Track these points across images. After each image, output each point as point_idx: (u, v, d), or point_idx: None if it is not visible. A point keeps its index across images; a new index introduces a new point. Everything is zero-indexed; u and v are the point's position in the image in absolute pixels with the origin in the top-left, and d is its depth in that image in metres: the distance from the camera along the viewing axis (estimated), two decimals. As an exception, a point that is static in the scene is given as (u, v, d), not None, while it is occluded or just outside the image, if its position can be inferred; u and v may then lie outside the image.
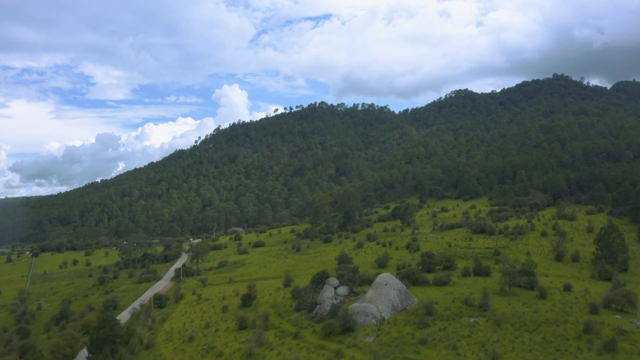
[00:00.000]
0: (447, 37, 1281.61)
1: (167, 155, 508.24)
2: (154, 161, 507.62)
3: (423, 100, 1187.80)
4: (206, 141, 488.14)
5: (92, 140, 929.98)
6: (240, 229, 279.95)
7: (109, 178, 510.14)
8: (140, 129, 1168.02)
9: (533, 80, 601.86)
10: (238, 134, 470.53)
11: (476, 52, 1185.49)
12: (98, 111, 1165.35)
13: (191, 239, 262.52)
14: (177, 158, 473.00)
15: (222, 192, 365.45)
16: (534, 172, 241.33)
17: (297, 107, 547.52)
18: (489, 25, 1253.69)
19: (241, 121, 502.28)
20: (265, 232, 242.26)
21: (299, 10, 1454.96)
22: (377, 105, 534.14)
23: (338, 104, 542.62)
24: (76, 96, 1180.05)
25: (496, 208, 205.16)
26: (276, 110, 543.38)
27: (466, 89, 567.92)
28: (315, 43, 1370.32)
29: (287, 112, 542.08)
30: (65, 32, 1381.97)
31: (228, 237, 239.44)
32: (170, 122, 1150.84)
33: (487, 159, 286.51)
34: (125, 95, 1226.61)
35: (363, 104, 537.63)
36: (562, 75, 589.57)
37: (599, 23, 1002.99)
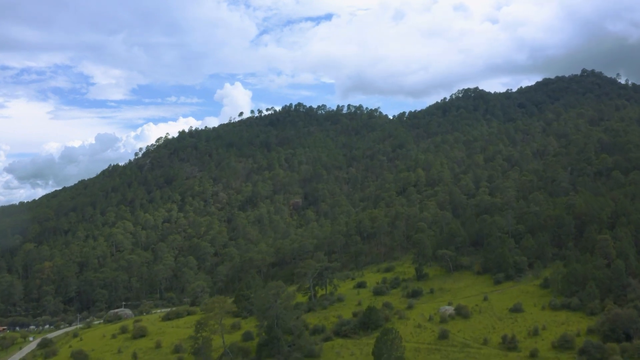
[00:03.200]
0: (463, 33, 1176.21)
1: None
2: (86, 179, 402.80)
3: (435, 100, 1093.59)
4: (147, 153, 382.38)
5: (92, 140, 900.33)
6: (126, 312, 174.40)
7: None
8: (140, 129, 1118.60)
9: (557, 77, 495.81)
10: (185, 145, 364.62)
11: (493, 48, 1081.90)
12: (98, 111, 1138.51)
13: (31, 338, 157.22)
14: (107, 177, 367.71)
15: (139, 233, 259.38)
16: (619, 231, 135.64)
17: (267, 109, 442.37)
18: (506, 20, 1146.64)
19: (193, 128, 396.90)
20: (144, 335, 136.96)
21: (301, 10, 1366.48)
22: (366, 108, 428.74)
23: (318, 106, 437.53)
24: (76, 96, 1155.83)
25: (572, 327, 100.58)
26: (241, 114, 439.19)
27: (476, 88, 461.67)
28: (319, 41, 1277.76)
29: (254, 116, 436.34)
30: (63, 31, 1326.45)
31: (79, 337, 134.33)
32: (170, 122, 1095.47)
33: (525, 197, 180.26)
34: (125, 96, 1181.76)
35: (349, 105, 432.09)
36: (592, 71, 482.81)
37: (633, 16, 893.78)
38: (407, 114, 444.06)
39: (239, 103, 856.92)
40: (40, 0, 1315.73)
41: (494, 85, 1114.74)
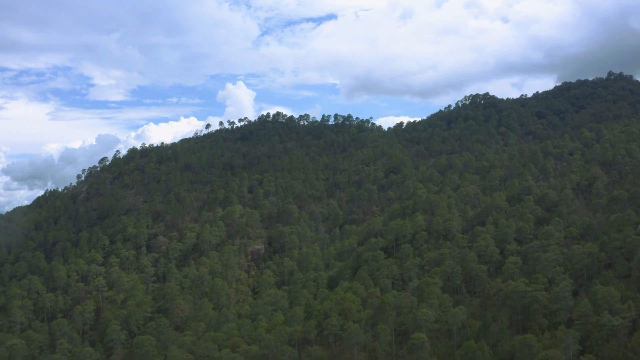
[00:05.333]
0: (474, 31, 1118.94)
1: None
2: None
3: (444, 101, 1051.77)
4: (89, 177, 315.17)
5: (93, 141, 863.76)
6: None
7: None
8: (140, 129, 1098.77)
9: (579, 81, 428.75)
10: (132, 167, 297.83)
11: (506, 46, 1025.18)
12: (99, 112, 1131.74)
13: None
14: (40, 207, 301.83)
15: (45, 296, 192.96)
16: None
17: (240, 121, 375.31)
18: (518, 17, 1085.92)
19: (146, 144, 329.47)
20: None
21: (303, 10, 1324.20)
22: (356, 118, 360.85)
23: (300, 116, 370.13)
24: (76, 97, 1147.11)
25: None
26: (208, 126, 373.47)
27: (486, 94, 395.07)
28: (322, 41, 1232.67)
29: (225, 128, 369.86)
30: (62, 32, 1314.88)
31: None
32: (171, 122, 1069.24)
33: (586, 286, 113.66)
34: (126, 96, 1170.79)
35: (336, 115, 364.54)
36: (620, 74, 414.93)
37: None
38: (404, 125, 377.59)
39: (242, 103, 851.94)
40: (37, 0, 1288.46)
41: (505, 86, 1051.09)
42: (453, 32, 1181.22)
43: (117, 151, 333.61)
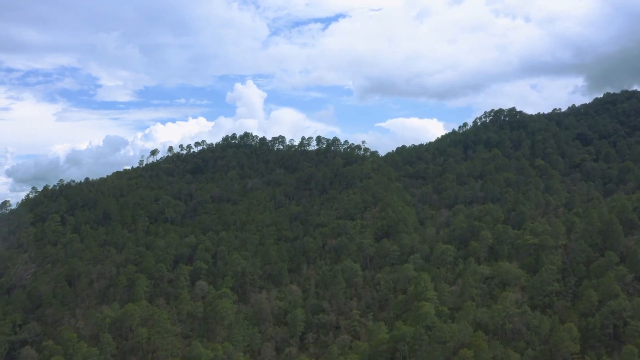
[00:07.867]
0: (496, 28, 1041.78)
1: None
2: None
3: (461, 103, 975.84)
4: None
5: (100, 142, 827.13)
6: None
7: None
8: (148, 130, 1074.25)
9: (624, 92, 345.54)
10: (30, 219, 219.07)
11: (531, 44, 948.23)
12: (106, 113, 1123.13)
13: None
14: None
15: None
16: None
17: (197, 144, 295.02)
18: (543, 15, 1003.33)
19: (64, 182, 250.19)
20: None
21: (312, 10, 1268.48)
22: (345, 142, 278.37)
23: (273, 139, 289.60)
24: (83, 98, 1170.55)
25: None
26: (155, 151, 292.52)
27: (512, 109, 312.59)
28: (335, 39, 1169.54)
29: (177, 153, 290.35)
30: (68, 32, 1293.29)
31: None
32: (179, 122, 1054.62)
33: None
34: (133, 97, 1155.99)
35: (320, 138, 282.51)
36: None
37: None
38: (406, 148, 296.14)
39: (253, 104, 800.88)
40: (42, 0, 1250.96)
41: (526, 88, 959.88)
42: (474, 30, 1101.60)
43: (34, 187, 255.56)
